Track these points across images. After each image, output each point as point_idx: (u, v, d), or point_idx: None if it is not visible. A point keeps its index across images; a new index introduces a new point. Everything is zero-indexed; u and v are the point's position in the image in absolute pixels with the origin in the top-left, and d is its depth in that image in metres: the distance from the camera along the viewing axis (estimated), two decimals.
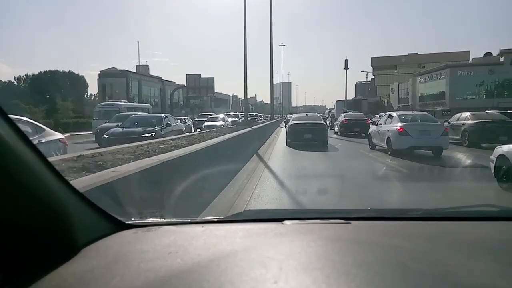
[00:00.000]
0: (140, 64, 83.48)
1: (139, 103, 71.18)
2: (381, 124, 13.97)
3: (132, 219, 1.22)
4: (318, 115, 21.93)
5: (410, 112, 14.73)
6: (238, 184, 7.52)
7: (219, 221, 1.29)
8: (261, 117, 52.03)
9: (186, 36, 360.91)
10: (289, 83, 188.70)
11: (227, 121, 29.18)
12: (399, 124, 12.31)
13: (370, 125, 17.96)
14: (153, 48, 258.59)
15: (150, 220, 1.31)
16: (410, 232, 1.14)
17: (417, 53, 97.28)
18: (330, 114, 43.88)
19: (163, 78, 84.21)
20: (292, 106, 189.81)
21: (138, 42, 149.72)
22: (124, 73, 70.29)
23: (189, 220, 1.29)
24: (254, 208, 5.24)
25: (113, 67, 72.20)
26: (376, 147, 14.10)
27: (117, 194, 2.77)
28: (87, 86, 68.03)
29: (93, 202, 1.06)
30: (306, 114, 19.35)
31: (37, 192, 0.84)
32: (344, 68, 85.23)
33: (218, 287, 0.73)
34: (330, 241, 1.01)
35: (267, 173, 8.98)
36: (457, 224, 1.26)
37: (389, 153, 12.32)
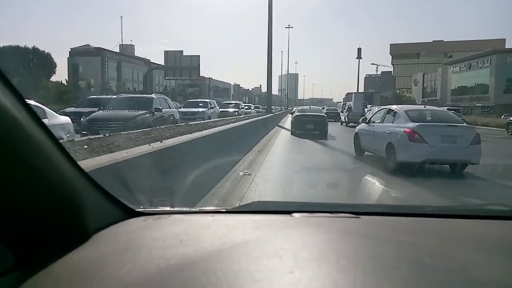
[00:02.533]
0: (124, 43, 72.40)
1: (117, 88, 61.69)
2: (375, 121, 9.36)
3: (141, 207, 1.21)
4: (321, 108, 23.57)
5: (421, 107, 9.84)
6: None
7: (227, 212, 1.30)
8: (249, 108, 36.05)
9: (192, 23, 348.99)
10: (296, 75, 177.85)
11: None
12: (409, 124, 7.69)
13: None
14: (160, 36, 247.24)
15: (160, 208, 1.29)
16: (420, 228, 1.14)
17: (442, 41, 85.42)
18: (346, 107, 32.87)
19: (151, 61, 72.86)
20: (298, 98, 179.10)
21: (121, 17, 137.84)
22: (99, 51, 59.09)
23: (198, 210, 1.32)
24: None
25: (87, 45, 61.09)
26: (366, 153, 9.68)
27: (127, 181, 2.81)
28: (55, 66, 57.00)
29: (104, 188, 1.06)
30: (310, 107, 21.00)
31: (50, 176, 0.83)
32: (356, 58, 76.10)
33: (233, 276, 0.73)
34: (341, 235, 1.02)
35: None
36: (466, 222, 1.25)
37: (391, 165, 7.75)
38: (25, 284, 0.76)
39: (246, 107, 34.45)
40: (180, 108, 20.55)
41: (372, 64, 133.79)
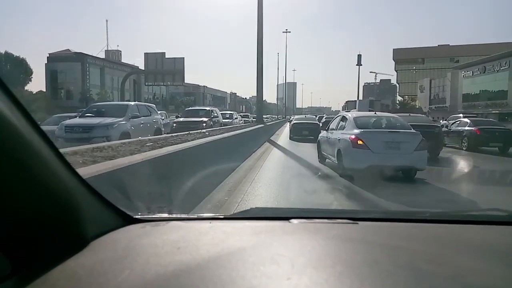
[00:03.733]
0: (110, 49, 67.86)
1: (100, 96, 56.52)
2: (332, 129, 9.51)
3: (139, 213, 1.21)
4: (315, 116, 26.93)
5: (371, 114, 9.81)
6: None
7: (225, 218, 1.30)
8: (230, 118, 25.08)
9: (190, 32, 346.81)
10: (294, 83, 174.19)
11: None
12: (355, 131, 7.90)
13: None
14: (157, 45, 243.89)
15: (158, 215, 1.30)
16: (417, 234, 1.14)
17: (448, 45, 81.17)
18: None
19: (139, 68, 68.15)
20: (297, 107, 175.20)
21: (107, 21, 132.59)
22: (80, 56, 54.38)
23: (196, 216, 1.31)
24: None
25: (67, 49, 56.39)
26: (327, 160, 9.66)
27: (125, 188, 2.77)
28: (31, 73, 52.31)
29: (102, 195, 1.06)
30: (305, 116, 24.63)
31: (48, 184, 0.83)
32: (356, 65, 72.81)
33: (230, 282, 0.73)
34: (338, 241, 1.02)
35: None
36: (464, 227, 1.25)
37: (340, 172, 7.98)
38: None
39: (227, 116, 24.75)
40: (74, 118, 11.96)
41: (370, 72, 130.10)
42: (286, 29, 67.46)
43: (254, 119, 29.55)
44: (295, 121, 21.34)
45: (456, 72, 57.70)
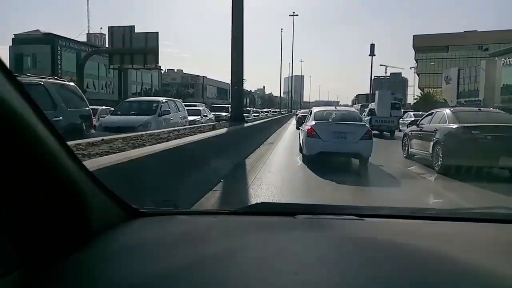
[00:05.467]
0: (92, 32, 59.97)
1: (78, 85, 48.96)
2: (306, 121, 10.80)
3: (145, 207, 1.21)
4: None
5: (331, 108, 10.75)
6: None
7: (231, 213, 1.31)
8: (165, 113, 11.71)
9: (188, 23, 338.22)
10: (302, 76, 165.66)
11: None
12: (311, 122, 9.32)
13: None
14: (162, 38, 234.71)
15: (164, 209, 1.32)
16: (424, 231, 1.14)
17: (476, 31, 72.17)
18: (367, 110, 23.18)
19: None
20: (304, 100, 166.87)
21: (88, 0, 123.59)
22: (50, 38, 46.52)
23: (202, 210, 1.34)
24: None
25: (37, 30, 48.59)
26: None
27: (132, 181, 2.77)
28: None
29: (109, 188, 1.07)
30: (308, 110, 26.22)
31: (55, 176, 0.84)
32: (369, 55, 64.88)
33: (236, 276, 0.74)
34: (344, 237, 1.03)
35: None
36: (471, 225, 1.25)
37: (303, 158, 9.45)
38: (30, 282, 0.76)
39: (165, 110, 12.12)
40: None
41: (381, 65, 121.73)
42: (293, 12, 59.46)
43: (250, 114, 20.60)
44: (300, 114, 25.08)
45: (493, 60, 49.11)
